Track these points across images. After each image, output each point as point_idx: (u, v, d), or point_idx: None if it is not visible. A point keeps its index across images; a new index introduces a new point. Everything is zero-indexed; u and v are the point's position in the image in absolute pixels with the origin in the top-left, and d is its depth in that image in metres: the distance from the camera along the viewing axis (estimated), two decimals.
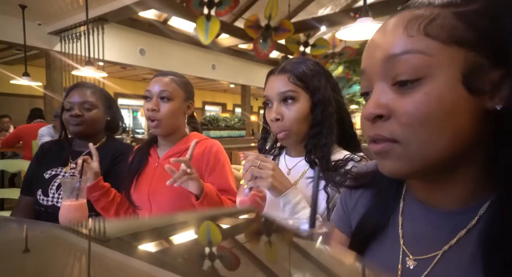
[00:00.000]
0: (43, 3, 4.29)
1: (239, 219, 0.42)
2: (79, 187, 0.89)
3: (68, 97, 1.26)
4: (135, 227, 0.36)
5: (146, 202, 1.08)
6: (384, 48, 0.40)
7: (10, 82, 5.44)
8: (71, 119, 1.23)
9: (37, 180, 1.24)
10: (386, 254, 0.48)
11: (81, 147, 1.28)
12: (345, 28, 2.90)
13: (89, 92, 1.27)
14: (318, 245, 0.36)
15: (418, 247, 0.45)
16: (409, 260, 0.45)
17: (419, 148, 0.38)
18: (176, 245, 0.30)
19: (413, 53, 0.37)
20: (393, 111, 0.39)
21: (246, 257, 0.28)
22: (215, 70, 7.35)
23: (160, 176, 1.09)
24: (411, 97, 0.38)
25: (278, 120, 0.83)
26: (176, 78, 1.10)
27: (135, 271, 0.23)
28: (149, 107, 1.05)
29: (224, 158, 1.10)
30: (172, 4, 4.45)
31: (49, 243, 0.29)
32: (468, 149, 0.38)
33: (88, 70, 3.84)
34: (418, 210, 0.47)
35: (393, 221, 0.49)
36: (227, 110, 12.42)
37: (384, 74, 0.40)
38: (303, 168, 0.87)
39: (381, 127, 0.40)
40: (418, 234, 0.46)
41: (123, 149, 1.29)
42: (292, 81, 0.82)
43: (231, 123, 5.15)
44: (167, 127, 1.09)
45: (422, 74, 0.37)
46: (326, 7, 6.64)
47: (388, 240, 0.49)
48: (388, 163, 0.41)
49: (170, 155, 1.10)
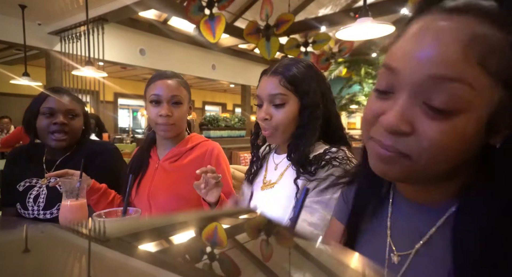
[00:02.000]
0: (43, 3, 4.29)
1: (239, 219, 0.42)
2: (79, 187, 0.89)
3: (48, 101, 1.15)
4: (135, 227, 0.36)
5: (145, 203, 1.08)
6: (435, 62, 0.35)
7: (10, 82, 5.45)
8: (54, 127, 1.12)
9: (13, 192, 1.15)
10: (375, 247, 0.49)
11: (54, 155, 1.20)
12: (345, 28, 2.90)
13: (70, 99, 1.19)
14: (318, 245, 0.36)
15: (401, 241, 0.46)
16: (394, 255, 0.46)
17: (426, 167, 0.38)
18: (176, 245, 0.30)
19: (463, 83, 0.34)
20: (416, 131, 0.37)
21: (246, 257, 0.28)
22: (215, 70, 7.35)
23: (160, 178, 1.08)
24: (439, 125, 0.35)
25: (266, 119, 0.88)
26: (181, 80, 1.10)
27: (135, 271, 0.23)
28: (162, 113, 1.03)
29: (224, 162, 1.11)
30: (172, 4, 4.45)
31: (49, 243, 0.29)
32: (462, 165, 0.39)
33: (88, 70, 3.84)
34: (404, 204, 0.48)
35: (382, 214, 0.50)
36: (227, 110, 12.42)
37: (420, 90, 0.36)
38: (287, 163, 0.91)
39: (399, 141, 0.38)
40: (402, 228, 0.47)
41: (96, 148, 1.24)
42: (283, 84, 0.85)
43: (231, 123, 5.15)
44: (178, 130, 1.10)
45: (460, 107, 0.34)
46: (326, 7, 6.64)
47: (377, 233, 0.50)
48: (386, 168, 0.41)
49: (170, 157, 1.10)
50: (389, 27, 2.88)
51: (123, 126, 9.83)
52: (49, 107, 1.13)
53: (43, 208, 1.12)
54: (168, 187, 1.05)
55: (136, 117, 10.32)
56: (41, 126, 1.14)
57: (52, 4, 4.33)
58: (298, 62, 0.88)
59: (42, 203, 1.12)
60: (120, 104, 9.47)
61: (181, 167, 1.07)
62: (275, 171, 0.93)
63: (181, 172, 1.06)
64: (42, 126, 1.13)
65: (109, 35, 4.83)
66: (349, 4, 6.74)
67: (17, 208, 1.14)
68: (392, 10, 4.33)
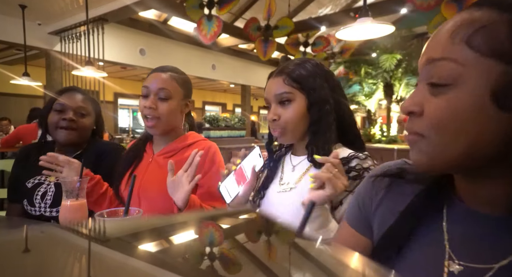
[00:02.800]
0: (43, 3, 4.29)
1: (239, 219, 0.42)
2: (79, 187, 0.89)
3: (61, 98, 1.20)
4: (135, 227, 0.36)
5: (135, 197, 1.05)
6: (428, 51, 0.43)
7: (10, 82, 5.44)
8: (63, 123, 1.16)
9: (21, 189, 1.18)
10: (426, 256, 0.46)
11: (64, 153, 1.13)
12: (345, 28, 2.90)
13: (83, 98, 1.23)
14: (318, 245, 0.36)
15: (464, 251, 0.43)
16: (453, 264, 0.43)
17: (438, 146, 0.41)
18: (176, 245, 0.30)
19: (448, 60, 0.40)
20: (424, 110, 0.42)
21: (246, 257, 0.28)
22: (215, 70, 7.35)
23: (152, 173, 1.07)
24: (439, 100, 0.41)
25: (275, 120, 0.87)
26: (176, 75, 1.07)
27: (135, 271, 0.23)
28: (146, 105, 1.02)
29: (219, 161, 1.09)
30: (172, 4, 4.45)
31: (49, 243, 0.29)
32: (498, 155, 0.39)
33: (88, 70, 3.84)
34: (465, 213, 0.45)
35: (435, 223, 0.47)
36: (227, 110, 12.42)
37: (423, 75, 0.43)
38: (306, 165, 0.88)
39: (413, 121, 0.44)
40: (466, 237, 0.44)
41: (106, 149, 1.26)
42: (287, 82, 0.84)
43: (231, 123, 5.15)
44: (164, 127, 1.06)
45: (451, 81, 0.39)
46: (326, 7, 6.65)
47: (429, 242, 0.47)
48: (414, 154, 0.44)
49: (165, 152, 1.09)
50: (389, 27, 2.87)
51: (123, 126, 9.84)
52: (61, 103, 1.18)
53: (49, 206, 1.14)
54: (160, 182, 1.02)
55: (136, 117, 10.31)
56: (51, 121, 1.18)
57: (52, 4, 4.33)
58: (304, 62, 0.88)
59: (49, 200, 1.15)
60: (120, 104, 9.47)
61: (175, 164, 1.07)
62: (292, 173, 0.90)
63: (174, 169, 1.06)
64: (52, 121, 1.18)
65: (109, 35, 4.82)
66: (349, 4, 6.75)
67: (24, 204, 1.16)
68: (392, 10, 4.33)
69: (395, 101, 6.55)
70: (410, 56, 6.10)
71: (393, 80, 6.30)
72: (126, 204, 0.78)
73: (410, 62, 6.13)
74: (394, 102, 6.56)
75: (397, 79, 6.28)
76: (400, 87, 6.39)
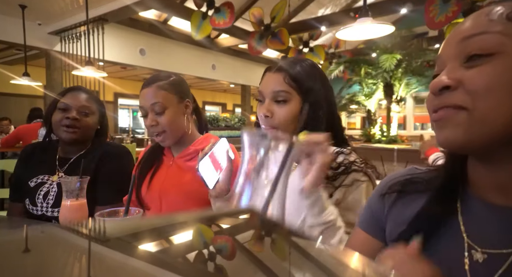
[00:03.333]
0: (43, 3, 4.29)
1: (239, 219, 0.42)
2: (79, 187, 0.89)
3: (65, 97, 1.21)
4: (135, 227, 0.36)
5: (157, 201, 1.06)
6: (461, 31, 0.43)
7: (10, 82, 5.44)
8: (66, 121, 1.17)
9: (23, 187, 1.18)
10: (444, 250, 0.47)
11: (67, 153, 1.23)
12: (345, 28, 2.90)
13: (87, 97, 1.24)
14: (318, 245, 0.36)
15: (484, 240, 0.44)
16: (476, 253, 0.44)
17: (482, 114, 0.40)
18: (176, 245, 0.30)
19: (490, 33, 0.40)
20: (461, 82, 0.42)
21: (246, 257, 0.28)
22: (215, 70, 7.35)
23: (173, 175, 1.07)
24: (479, 69, 0.40)
25: (267, 117, 0.84)
26: (161, 83, 1.05)
27: (135, 271, 0.23)
28: (147, 124, 1.04)
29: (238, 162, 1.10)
30: (172, 4, 4.46)
31: (49, 243, 0.29)
32: None
33: (88, 70, 3.84)
34: (480, 206, 0.46)
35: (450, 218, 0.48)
36: (227, 110, 12.42)
37: (457, 55, 0.43)
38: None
39: (447, 96, 0.43)
40: (484, 228, 0.45)
41: (112, 150, 1.26)
42: (287, 81, 0.83)
43: (231, 123, 5.16)
44: (173, 137, 1.07)
45: (494, 50, 0.40)
46: (326, 7, 6.65)
47: (446, 237, 0.47)
48: (446, 131, 0.43)
49: (185, 155, 1.09)
50: (389, 27, 2.87)
51: (123, 126, 9.84)
52: (65, 102, 1.19)
53: (51, 206, 1.14)
54: (181, 185, 1.04)
55: (136, 117, 10.32)
56: (55, 120, 1.19)
57: (52, 4, 4.33)
58: (302, 61, 0.87)
59: (51, 200, 1.14)
60: (120, 104, 9.47)
61: (195, 167, 1.07)
62: None
63: (195, 172, 1.06)
64: (56, 119, 1.19)
65: (109, 35, 4.82)
66: (349, 4, 6.75)
67: (26, 203, 1.16)
68: (392, 10, 4.33)
69: (395, 101, 6.54)
70: (410, 56, 6.09)
71: (393, 80, 6.30)
72: (126, 204, 0.78)
73: (410, 62, 6.13)
74: (394, 102, 6.55)
75: (397, 79, 6.28)
76: (400, 87, 6.38)
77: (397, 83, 6.34)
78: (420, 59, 6.12)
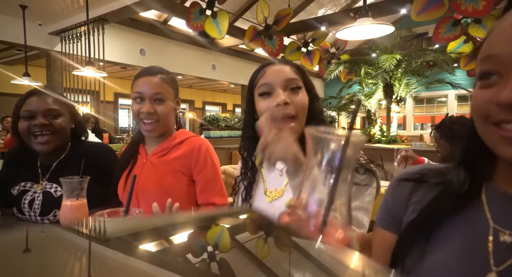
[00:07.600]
0: (44, 4, 4.30)
1: (239, 219, 0.42)
2: (79, 187, 0.89)
3: (26, 105, 1.09)
4: (135, 227, 0.36)
5: (133, 198, 1.06)
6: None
7: (10, 82, 5.44)
8: (34, 129, 1.06)
9: (6, 195, 1.12)
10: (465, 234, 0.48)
11: (48, 160, 1.15)
12: (345, 28, 2.90)
13: (51, 99, 1.12)
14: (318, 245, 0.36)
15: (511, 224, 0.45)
16: (504, 235, 0.44)
17: None
18: (176, 245, 0.30)
19: None
20: None
21: (246, 257, 0.28)
22: (215, 70, 7.35)
23: (148, 173, 1.08)
24: None
25: (286, 104, 0.79)
26: (165, 77, 1.08)
27: (135, 271, 0.23)
28: (144, 110, 1.03)
29: (213, 160, 1.10)
30: (172, 4, 4.46)
31: (49, 243, 0.29)
32: None
33: (89, 70, 3.85)
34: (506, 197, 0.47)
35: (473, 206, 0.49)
36: (227, 110, 12.42)
37: None
38: None
39: None
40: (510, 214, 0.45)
41: (94, 151, 1.20)
42: (295, 71, 0.85)
43: (231, 123, 5.16)
44: (162, 128, 1.09)
45: None
46: (326, 7, 6.65)
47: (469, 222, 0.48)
48: None
49: (158, 151, 1.10)
50: (389, 27, 2.88)
51: (123, 126, 9.84)
52: (28, 109, 1.08)
53: (39, 214, 1.10)
54: (156, 181, 1.06)
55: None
56: (22, 129, 1.07)
57: (52, 5, 4.34)
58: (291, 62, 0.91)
59: (37, 209, 1.10)
60: (120, 104, 9.47)
61: (168, 162, 1.07)
62: (280, 177, 0.86)
63: (168, 166, 1.07)
64: (22, 129, 1.07)
65: (109, 35, 4.83)
66: (349, 4, 6.75)
67: (14, 211, 1.12)
68: (392, 10, 4.33)
69: (395, 101, 6.54)
70: (409, 56, 6.09)
71: (393, 80, 6.29)
72: (126, 204, 0.78)
73: (410, 62, 6.13)
74: (394, 102, 6.55)
75: (396, 79, 6.27)
76: (400, 87, 6.38)
77: (397, 83, 6.33)
78: (420, 59, 6.12)
